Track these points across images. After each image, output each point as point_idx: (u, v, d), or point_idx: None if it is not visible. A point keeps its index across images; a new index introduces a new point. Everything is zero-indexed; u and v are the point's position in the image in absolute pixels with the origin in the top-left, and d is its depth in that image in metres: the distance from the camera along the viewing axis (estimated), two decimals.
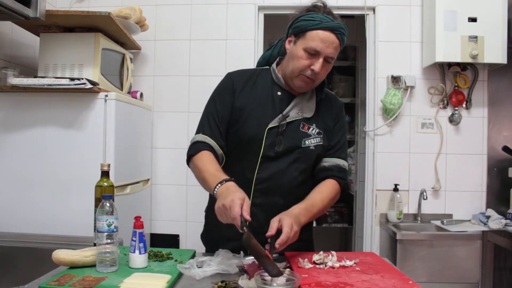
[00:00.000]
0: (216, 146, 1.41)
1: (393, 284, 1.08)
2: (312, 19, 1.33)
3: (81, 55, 2.03)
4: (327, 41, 1.31)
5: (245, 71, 1.53)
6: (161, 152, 2.72)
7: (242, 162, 1.43)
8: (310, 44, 1.32)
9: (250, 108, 1.42)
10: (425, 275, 2.28)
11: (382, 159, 2.67)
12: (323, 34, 1.31)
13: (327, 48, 1.32)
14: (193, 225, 2.65)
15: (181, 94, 2.72)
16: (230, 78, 1.49)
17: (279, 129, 1.39)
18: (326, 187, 1.42)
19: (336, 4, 2.66)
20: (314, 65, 1.33)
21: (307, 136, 1.42)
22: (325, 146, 1.45)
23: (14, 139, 1.95)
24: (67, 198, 1.92)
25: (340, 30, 1.32)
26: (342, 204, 4.04)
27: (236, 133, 1.42)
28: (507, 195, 2.57)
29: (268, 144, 1.39)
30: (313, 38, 1.32)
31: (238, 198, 1.14)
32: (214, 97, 1.49)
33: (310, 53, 1.33)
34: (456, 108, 2.64)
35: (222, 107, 1.44)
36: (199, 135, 1.44)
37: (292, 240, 1.19)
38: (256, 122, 1.40)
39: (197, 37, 2.72)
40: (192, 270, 1.17)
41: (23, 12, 1.58)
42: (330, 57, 1.33)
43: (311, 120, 1.43)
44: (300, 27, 1.35)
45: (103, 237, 1.24)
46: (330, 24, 1.31)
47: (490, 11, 2.42)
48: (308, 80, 1.37)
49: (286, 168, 1.40)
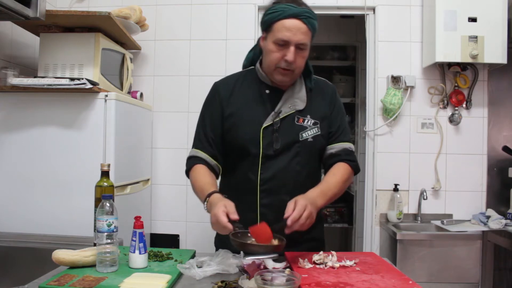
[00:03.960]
0: (208, 158, 1.45)
1: (393, 284, 1.08)
2: (275, 11, 1.34)
3: (81, 55, 2.03)
4: (293, 29, 1.31)
5: (230, 77, 1.54)
6: (161, 152, 2.72)
7: (244, 166, 1.43)
8: (277, 36, 1.33)
9: (241, 111, 1.43)
10: (425, 275, 2.28)
11: (382, 159, 2.67)
12: (287, 22, 1.31)
13: (295, 35, 1.31)
14: (193, 225, 2.65)
15: (181, 94, 2.72)
16: (216, 88, 1.51)
17: (274, 127, 1.39)
18: (339, 170, 1.43)
19: (336, 4, 2.65)
20: (286, 56, 1.33)
21: (303, 129, 1.42)
22: (325, 135, 1.45)
23: (14, 139, 1.95)
24: (67, 198, 1.92)
25: (304, 15, 1.31)
26: (342, 204, 4.04)
27: (233, 139, 1.44)
28: (507, 195, 2.57)
29: (266, 143, 1.39)
30: (279, 29, 1.32)
31: (219, 209, 1.18)
32: (203, 111, 1.52)
33: (279, 44, 1.33)
34: (456, 108, 2.64)
35: (211, 119, 1.47)
36: (192, 150, 1.49)
37: (309, 223, 1.21)
38: (250, 124, 1.41)
39: (197, 37, 2.72)
40: (192, 270, 1.17)
41: (23, 12, 1.58)
42: (301, 43, 1.33)
43: (305, 112, 1.43)
44: (266, 22, 1.37)
45: (103, 237, 1.24)
46: (292, 11, 1.31)
47: (490, 11, 2.42)
48: (285, 71, 1.37)
49: (287, 164, 1.40)
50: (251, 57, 1.56)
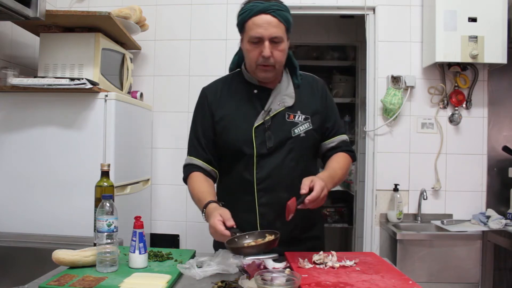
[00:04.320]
0: (204, 165, 1.47)
1: (393, 284, 1.08)
2: (244, 11, 1.36)
3: (81, 55, 2.03)
4: (263, 24, 1.32)
5: (218, 81, 1.56)
6: (161, 152, 2.72)
7: (239, 167, 1.44)
8: (250, 34, 1.35)
9: (232, 113, 1.45)
10: (425, 275, 2.28)
11: (382, 159, 2.67)
12: (257, 19, 1.33)
13: (266, 30, 1.32)
14: (193, 225, 2.65)
15: (181, 94, 2.72)
16: (204, 93, 1.53)
17: (266, 125, 1.40)
18: (340, 157, 1.48)
19: (336, 4, 2.65)
20: (263, 52, 1.34)
21: (295, 125, 1.43)
22: (317, 129, 1.46)
23: (14, 139, 1.95)
24: (67, 198, 1.92)
25: (272, 8, 1.32)
26: (342, 204, 4.05)
27: (226, 141, 1.45)
28: (507, 195, 2.57)
29: (259, 142, 1.40)
30: (250, 28, 1.34)
31: (215, 218, 1.20)
32: (194, 117, 1.53)
33: (254, 42, 1.35)
34: (456, 108, 2.64)
35: (202, 125, 1.48)
36: (187, 157, 1.51)
37: (320, 203, 1.23)
38: (241, 125, 1.42)
39: (197, 37, 2.72)
40: (192, 270, 1.17)
41: (23, 12, 1.58)
42: (274, 37, 1.34)
43: (294, 108, 1.45)
44: (239, 23, 1.39)
45: (103, 237, 1.24)
46: (259, 7, 1.32)
47: (490, 11, 2.42)
48: (266, 67, 1.38)
49: (282, 161, 1.41)
50: (236, 61, 1.58)
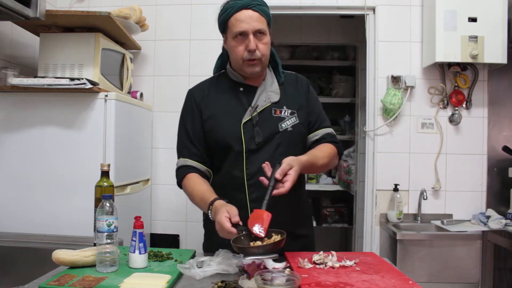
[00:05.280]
0: (198, 165, 1.48)
1: (393, 284, 1.08)
2: (225, 10, 1.40)
3: (81, 55, 2.03)
4: (245, 19, 1.36)
5: (203, 82, 1.59)
6: (161, 152, 2.71)
7: (229, 164, 1.45)
8: (234, 31, 1.38)
9: (219, 111, 1.47)
10: (425, 275, 2.28)
11: (382, 159, 2.67)
12: (239, 15, 1.37)
13: (249, 24, 1.36)
14: (193, 225, 2.65)
15: (181, 94, 2.66)
16: (191, 94, 1.56)
17: (253, 121, 1.43)
18: (323, 146, 1.49)
19: (336, 4, 2.65)
20: (248, 46, 1.37)
21: (282, 120, 1.46)
22: (303, 123, 1.49)
23: (14, 139, 1.95)
24: (67, 198, 1.92)
25: (253, 3, 1.37)
26: (342, 204, 4.04)
27: (215, 139, 1.46)
28: (507, 195, 2.57)
29: (247, 138, 1.42)
30: (233, 24, 1.38)
31: (222, 214, 1.19)
32: (183, 119, 1.56)
33: (238, 37, 1.38)
34: (456, 108, 2.64)
35: (192, 125, 1.50)
36: (179, 159, 1.52)
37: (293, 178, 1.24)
38: (230, 122, 1.44)
39: (197, 37, 2.72)
40: (192, 270, 1.17)
41: (23, 12, 1.58)
42: (257, 29, 1.37)
43: (280, 103, 1.48)
44: (222, 23, 1.43)
45: (103, 237, 1.24)
46: (240, 4, 1.37)
47: (490, 11, 2.42)
48: (253, 62, 1.40)
49: (271, 156, 1.42)
50: (219, 65, 1.61)
